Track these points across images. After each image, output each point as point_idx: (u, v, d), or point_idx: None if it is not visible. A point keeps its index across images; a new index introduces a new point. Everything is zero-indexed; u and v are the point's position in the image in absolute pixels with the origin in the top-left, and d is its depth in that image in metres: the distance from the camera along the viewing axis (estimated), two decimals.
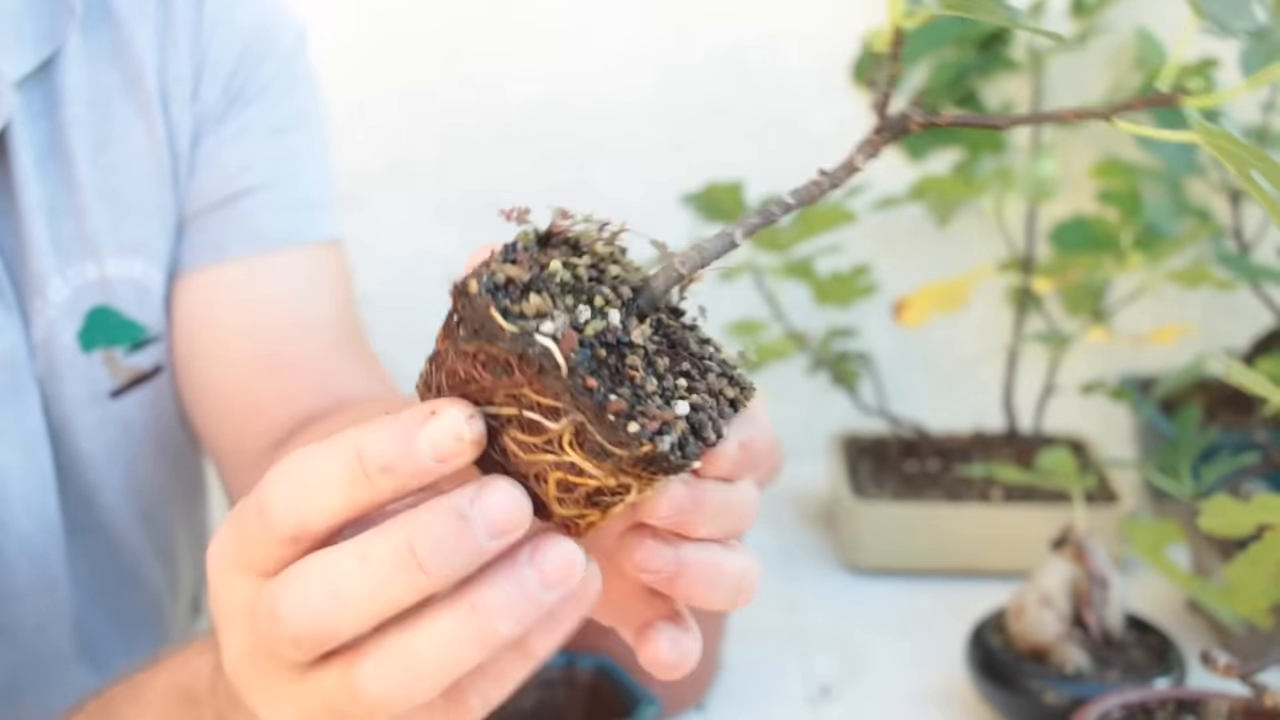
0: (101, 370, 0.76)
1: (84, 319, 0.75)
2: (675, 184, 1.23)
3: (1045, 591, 0.90)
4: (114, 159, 0.75)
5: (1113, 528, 1.09)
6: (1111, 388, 1.27)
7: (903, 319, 1.15)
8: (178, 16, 0.77)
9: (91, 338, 0.75)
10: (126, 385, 0.78)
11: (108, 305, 0.76)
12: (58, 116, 0.73)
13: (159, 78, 0.76)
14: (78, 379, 0.76)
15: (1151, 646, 0.91)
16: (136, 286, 0.77)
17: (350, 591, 0.41)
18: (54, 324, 0.74)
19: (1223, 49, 1.25)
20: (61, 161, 0.73)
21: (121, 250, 0.76)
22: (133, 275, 0.77)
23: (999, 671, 0.89)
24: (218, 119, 0.79)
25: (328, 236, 0.83)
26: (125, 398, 0.78)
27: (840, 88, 1.37)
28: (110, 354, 0.76)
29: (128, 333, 0.77)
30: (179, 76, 0.77)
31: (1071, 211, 1.29)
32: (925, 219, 1.34)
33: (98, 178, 0.74)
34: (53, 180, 0.73)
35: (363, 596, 0.41)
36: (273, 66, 0.80)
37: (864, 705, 0.95)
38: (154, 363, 0.79)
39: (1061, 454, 1.00)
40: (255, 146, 0.80)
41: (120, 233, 0.76)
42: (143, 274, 0.77)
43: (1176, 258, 1.14)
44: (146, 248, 0.77)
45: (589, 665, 0.86)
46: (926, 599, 1.11)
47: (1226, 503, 0.88)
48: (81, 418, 0.76)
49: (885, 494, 1.17)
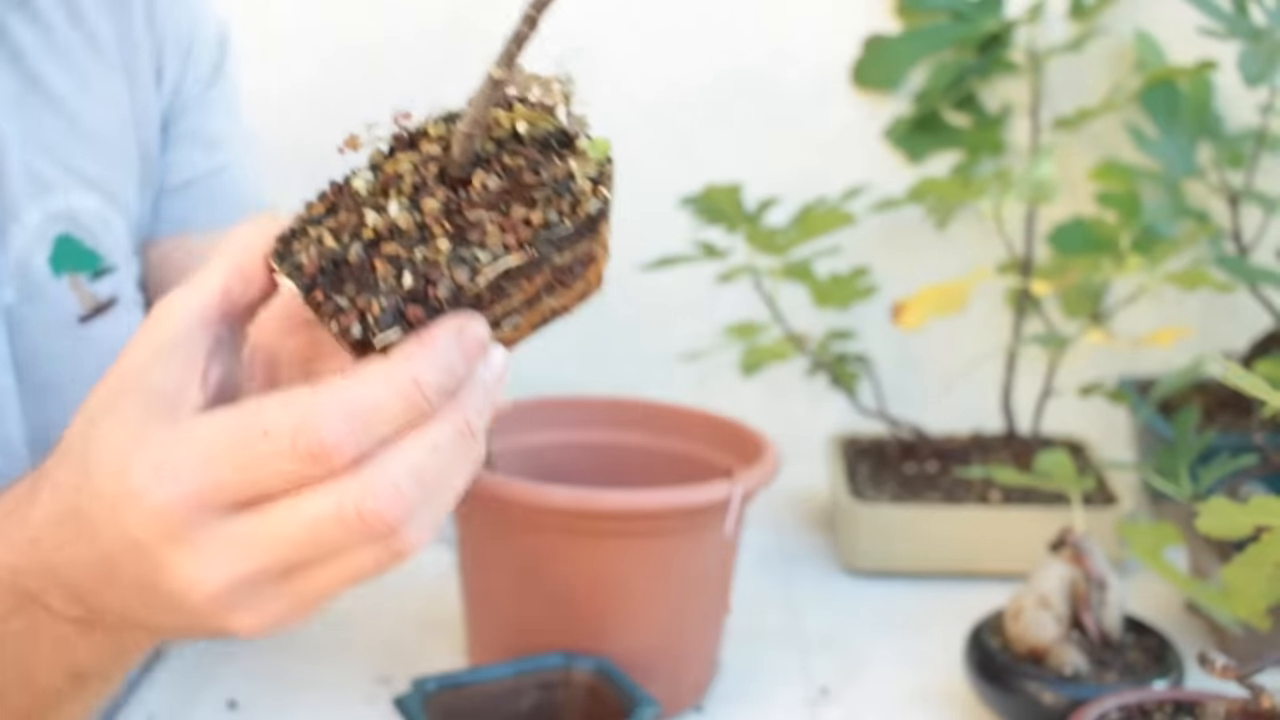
0: (70, 295, 0.81)
1: (52, 245, 0.81)
2: (675, 186, 1.23)
3: (1043, 593, 0.90)
4: (77, 106, 0.82)
5: (1111, 529, 1.09)
6: (1110, 390, 1.27)
7: (901, 321, 1.15)
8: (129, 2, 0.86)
9: (60, 262, 0.81)
10: (91, 313, 0.82)
11: (71, 234, 0.82)
12: (27, 62, 0.81)
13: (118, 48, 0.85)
14: (50, 304, 0.80)
15: (1149, 648, 0.91)
16: (96, 218, 0.83)
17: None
18: (28, 248, 0.80)
19: (1221, 50, 1.26)
20: (33, 101, 0.81)
21: (81, 184, 0.83)
22: (91, 208, 0.83)
23: (997, 673, 0.89)
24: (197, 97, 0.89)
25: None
26: (91, 325, 0.82)
27: (840, 91, 1.37)
28: (76, 279, 0.82)
29: (89, 260, 0.83)
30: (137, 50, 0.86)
31: (1070, 214, 1.29)
32: (924, 221, 1.34)
33: (63, 120, 0.82)
34: (26, 117, 0.80)
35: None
36: (221, 52, 0.92)
37: (862, 707, 0.96)
38: (111, 293, 0.84)
39: (1060, 456, 1.00)
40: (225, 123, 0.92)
41: (81, 169, 0.83)
42: (99, 208, 0.84)
43: (1175, 260, 1.14)
44: (104, 186, 0.84)
45: (587, 667, 0.86)
46: (925, 601, 1.11)
47: (1224, 505, 0.88)
48: (53, 343, 0.80)
49: (884, 496, 1.17)
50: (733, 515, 0.90)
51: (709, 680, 0.97)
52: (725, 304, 1.36)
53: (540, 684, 0.86)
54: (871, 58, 1.36)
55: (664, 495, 0.89)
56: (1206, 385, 1.30)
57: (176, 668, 0.99)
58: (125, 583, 0.52)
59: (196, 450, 0.49)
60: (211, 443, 0.49)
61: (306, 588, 0.51)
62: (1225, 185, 1.29)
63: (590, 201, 0.51)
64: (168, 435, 0.50)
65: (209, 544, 0.50)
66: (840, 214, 1.14)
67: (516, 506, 0.88)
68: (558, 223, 0.50)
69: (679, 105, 1.38)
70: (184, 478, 0.49)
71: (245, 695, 0.96)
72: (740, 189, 1.11)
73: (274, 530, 0.49)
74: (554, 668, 0.86)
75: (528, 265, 0.50)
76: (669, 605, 0.91)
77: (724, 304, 1.36)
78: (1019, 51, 1.34)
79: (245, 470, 0.49)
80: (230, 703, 0.95)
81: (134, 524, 0.50)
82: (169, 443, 0.50)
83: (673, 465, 1.03)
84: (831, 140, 1.39)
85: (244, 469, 0.49)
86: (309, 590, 0.52)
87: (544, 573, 0.90)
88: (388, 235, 0.50)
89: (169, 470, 0.49)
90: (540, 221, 0.50)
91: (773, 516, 1.26)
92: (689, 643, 0.94)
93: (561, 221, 0.50)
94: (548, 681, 0.86)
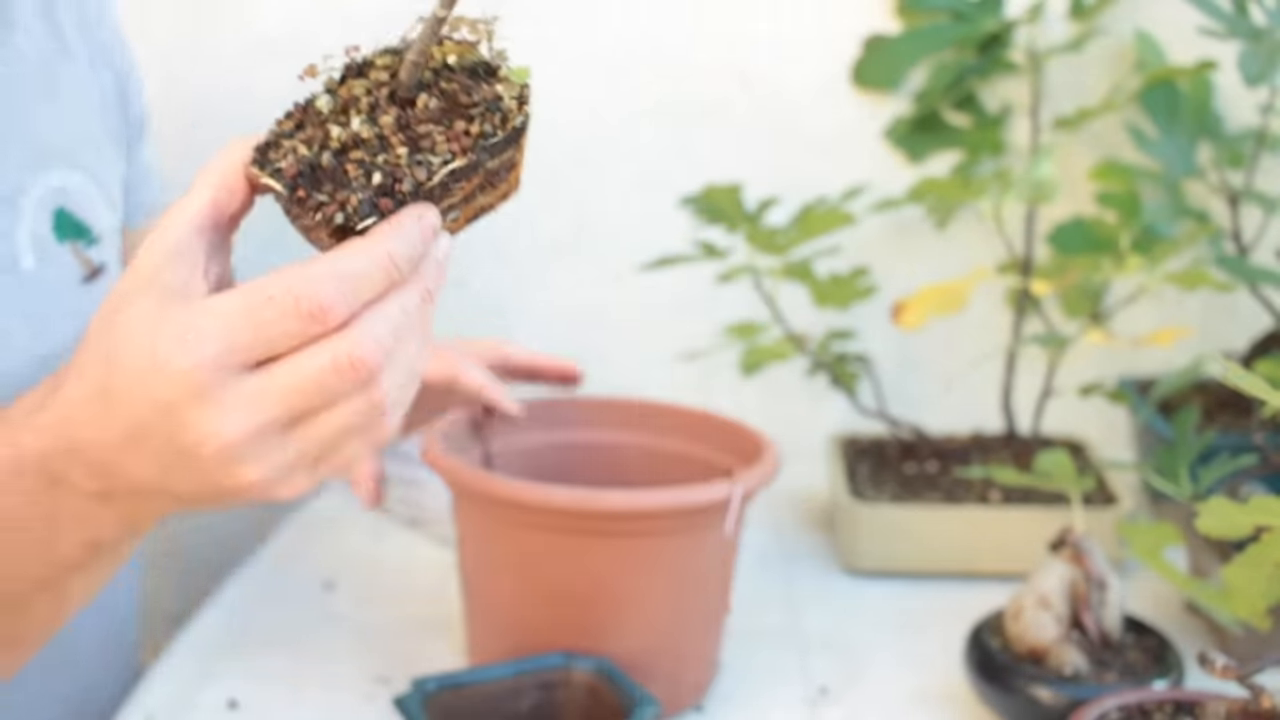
0: (72, 260, 0.91)
1: (52, 216, 0.90)
2: (675, 186, 1.24)
3: (1043, 593, 0.90)
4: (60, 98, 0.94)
5: (1111, 529, 1.09)
6: (1110, 390, 1.27)
7: (901, 321, 1.15)
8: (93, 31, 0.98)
9: (62, 231, 0.91)
10: (90, 276, 0.92)
11: (64, 207, 0.91)
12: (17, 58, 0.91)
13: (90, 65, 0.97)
14: (59, 268, 0.90)
15: (1149, 648, 0.91)
16: (81, 194, 0.93)
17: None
18: (36, 219, 0.89)
19: (1221, 50, 1.26)
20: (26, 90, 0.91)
21: (67, 164, 0.92)
22: (75, 184, 0.93)
23: (997, 673, 0.89)
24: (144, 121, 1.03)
25: None
26: (91, 287, 0.92)
27: (840, 91, 1.37)
28: (75, 246, 0.92)
29: (81, 230, 0.92)
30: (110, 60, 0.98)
31: (1071, 214, 1.29)
32: (925, 221, 1.34)
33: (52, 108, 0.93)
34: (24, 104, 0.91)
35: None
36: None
37: (862, 707, 0.96)
38: (101, 260, 0.93)
39: (1060, 456, 1.00)
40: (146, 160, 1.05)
41: (66, 151, 0.93)
42: (82, 185, 0.93)
43: (1175, 260, 1.14)
44: (85, 166, 0.94)
45: (587, 667, 0.86)
46: (925, 601, 1.11)
47: (1224, 505, 0.88)
48: (63, 304, 0.89)
49: (884, 496, 1.17)
50: (733, 515, 0.90)
51: (709, 680, 0.97)
52: (725, 304, 1.36)
53: (540, 684, 0.86)
54: (871, 58, 1.37)
55: (664, 495, 0.89)
56: (1206, 385, 1.30)
57: (176, 667, 1.00)
58: (149, 449, 0.61)
59: (215, 320, 0.59)
60: (228, 313, 0.59)
61: (306, 437, 0.61)
62: (1225, 185, 1.29)
63: (516, 116, 0.62)
64: (185, 313, 0.59)
65: (228, 399, 0.59)
66: (840, 214, 1.14)
67: (517, 506, 0.88)
68: (491, 133, 0.61)
69: (679, 105, 1.39)
70: (206, 342, 0.58)
71: (245, 695, 0.96)
72: (740, 189, 1.11)
73: (282, 383, 0.59)
74: (554, 667, 0.87)
75: (468, 167, 0.61)
76: (669, 605, 0.92)
77: (724, 304, 1.36)
78: (1019, 51, 1.34)
79: (258, 331, 0.58)
80: (230, 702, 0.95)
81: (162, 388, 0.59)
82: (188, 318, 0.59)
83: (673, 465, 1.03)
84: (832, 140, 1.39)
85: (257, 330, 0.58)
86: (309, 441, 0.61)
87: (544, 572, 0.90)
88: (352, 145, 0.60)
89: (193, 338, 0.58)
90: (478, 132, 0.61)
91: (772, 516, 1.27)
92: (689, 643, 0.94)
93: (495, 132, 0.61)
94: (548, 681, 0.86)
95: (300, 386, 0.59)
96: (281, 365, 0.59)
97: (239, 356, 0.59)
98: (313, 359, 0.59)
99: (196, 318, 0.59)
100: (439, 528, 1.20)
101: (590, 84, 1.38)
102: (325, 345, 0.59)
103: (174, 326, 0.59)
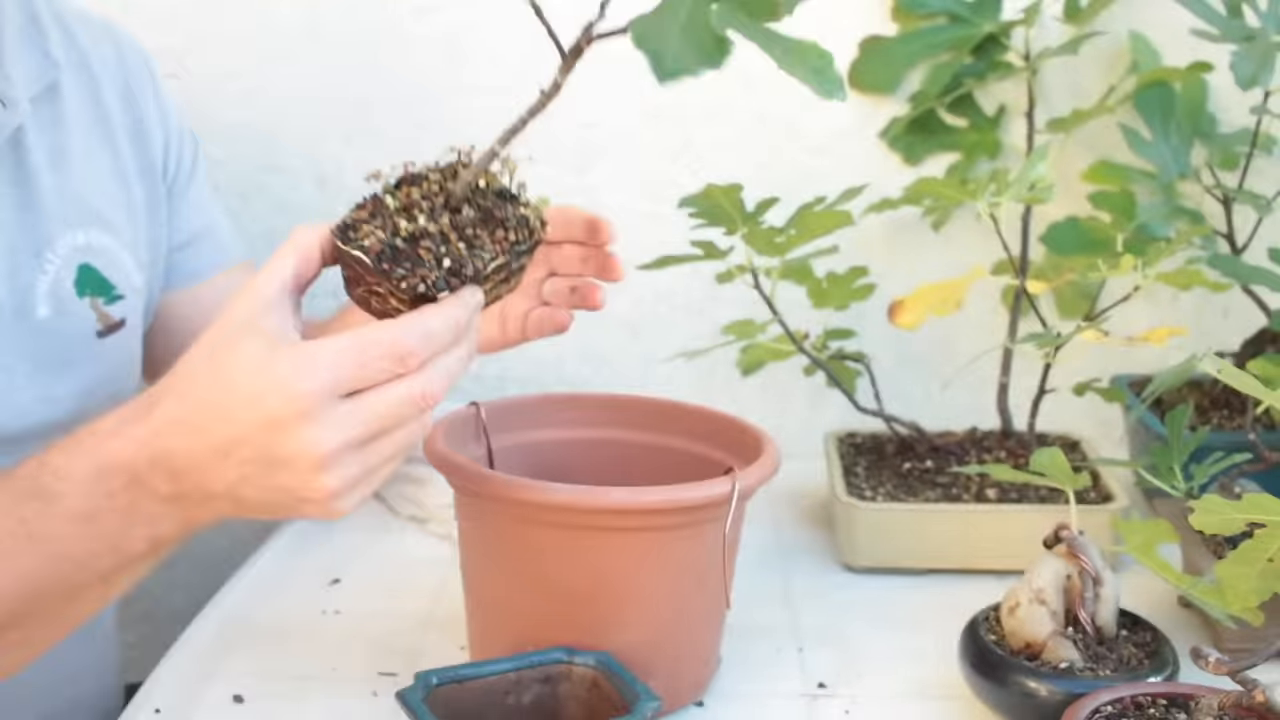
0: (90, 314, 1.02)
1: (76, 272, 1.01)
2: (675, 187, 1.24)
3: (1038, 589, 0.91)
4: (94, 165, 1.05)
5: (1106, 526, 1.10)
6: (1104, 388, 1.28)
7: (897, 320, 1.16)
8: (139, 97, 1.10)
9: (82, 287, 1.01)
10: (106, 330, 1.03)
11: (90, 264, 1.02)
12: (61, 129, 1.03)
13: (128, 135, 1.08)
14: (76, 319, 1.01)
15: (1144, 643, 0.92)
16: (107, 254, 1.04)
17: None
18: (59, 272, 1.00)
19: (1215, 52, 1.27)
20: (61, 159, 1.02)
21: (97, 226, 1.03)
22: (104, 245, 1.04)
23: (992, 668, 0.90)
24: (188, 176, 1.14)
25: None
26: (106, 340, 1.03)
27: None
28: (95, 301, 1.03)
29: (105, 287, 1.03)
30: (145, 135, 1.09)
31: (1067, 214, 1.30)
32: (923, 222, 1.35)
33: (83, 174, 1.03)
34: (57, 170, 1.02)
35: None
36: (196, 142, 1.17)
37: (860, 701, 0.96)
38: (122, 315, 1.05)
39: (1055, 453, 1.01)
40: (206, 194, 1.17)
41: (94, 214, 1.04)
42: (110, 246, 1.04)
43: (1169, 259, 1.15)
44: (113, 229, 1.05)
45: (588, 661, 0.87)
46: (921, 596, 1.12)
47: (1218, 501, 0.89)
48: (74, 353, 1.01)
49: (881, 493, 1.18)
50: (733, 512, 0.91)
51: (709, 675, 0.98)
52: (725, 304, 1.37)
53: (542, 678, 0.87)
54: (869, 60, 1.37)
55: (665, 492, 0.89)
56: (1200, 383, 1.31)
57: (182, 663, 1.00)
58: (234, 460, 0.74)
59: (330, 356, 0.73)
60: (341, 351, 0.73)
61: (372, 456, 0.75)
62: (1219, 186, 1.30)
63: (539, 232, 0.80)
64: (299, 349, 0.73)
65: (328, 418, 0.73)
66: (838, 214, 1.14)
67: (518, 503, 0.89)
68: (521, 242, 0.79)
69: (679, 105, 1.39)
70: (321, 371, 0.72)
71: (251, 690, 0.96)
72: (740, 189, 1.11)
73: (370, 408, 0.74)
74: (555, 662, 0.87)
75: (505, 264, 0.79)
76: (670, 601, 0.92)
77: (723, 304, 1.37)
78: (1015, 53, 1.35)
79: (361, 369, 0.73)
80: (236, 697, 0.96)
81: (276, 405, 0.72)
82: (305, 352, 0.73)
83: (673, 462, 1.03)
84: (830, 142, 1.40)
85: (360, 367, 0.73)
86: (374, 458, 0.75)
87: (545, 569, 0.90)
88: (421, 236, 0.77)
89: (309, 368, 0.72)
90: (513, 240, 0.79)
91: (771, 513, 1.27)
92: (689, 638, 0.95)
93: (523, 242, 0.79)
94: (549, 676, 0.87)
95: (383, 412, 0.74)
96: (370, 395, 0.74)
97: (341, 386, 0.73)
98: (396, 391, 0.74)
99: (314, 352, 0.73)
100: (441, 524, 1.21)
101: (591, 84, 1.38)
102: (407, 381, 0.74)
103: (291, 358, 0.73)
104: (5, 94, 0.98)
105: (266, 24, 1.40)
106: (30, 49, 1.02)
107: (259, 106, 1.41)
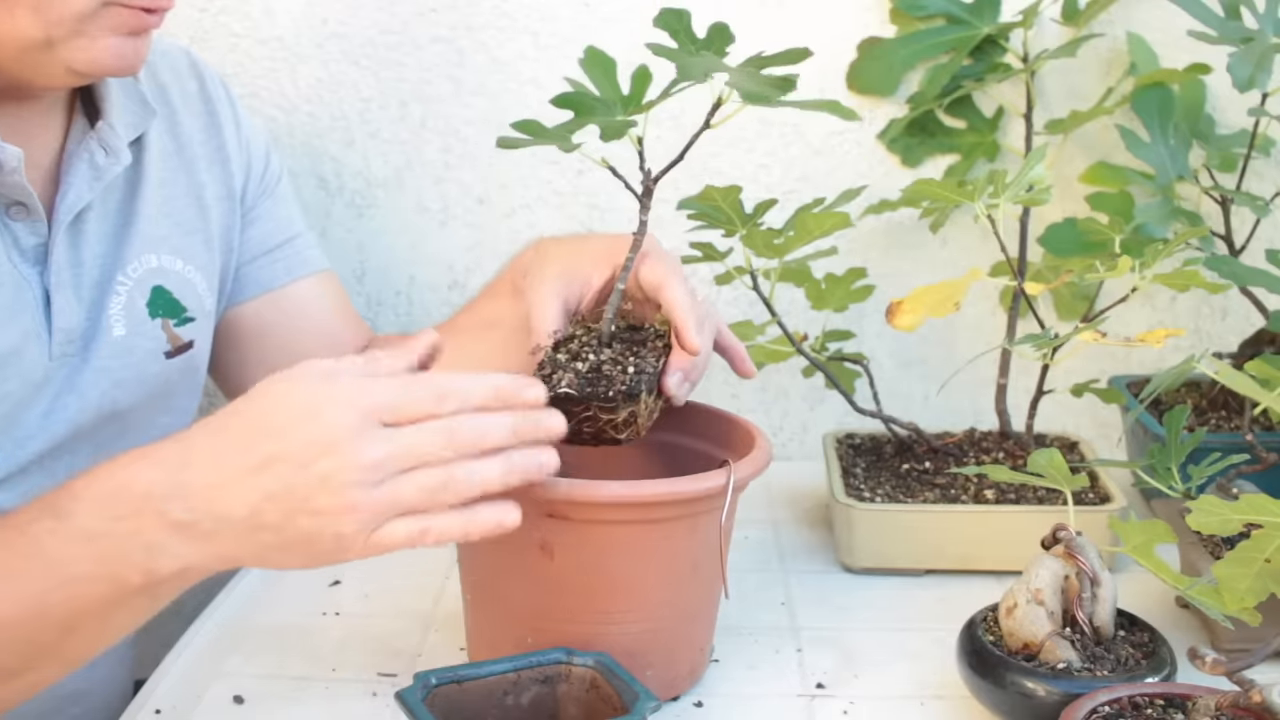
0: (160, 334, 1.07)
1: (149, 293, 1.06)
2: (674, 188, 1.25)
3: (1036, 589, 0.91)
4: (168, 192, 1.10)
5: (1104, 526, 1.10)
6: (1102, 389, 1.28)
7: (895, 321, 1.16)
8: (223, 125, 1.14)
9: (155, 308, 1.06)
10: (175, 351, 1.08)
11: (162, 286, 1.07)
12: (145, 164, 1.08)
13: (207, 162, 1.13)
14: (147, 338, 1.06)
15: (1141, 644, 0.92)
16: (180, 278, 1.09)
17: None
18: (132, 294, 1.05)
19: (1213, 54, 1.27)
20: (144, 190, 1.07)
21: (171, 251, 1.08)
22: (177, 269, 1.08)
23: (990, 668, 0.90)
24: (268, 194, 1.18)
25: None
26: (173, 360, 1.08)
27: (837, 94, 1.38)
28: (166, 323, 1.07)
29: (176, 309, 1.08)
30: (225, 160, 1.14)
31: (1065, 216, 1.30)
32: (922, 223, 1.35)
33: (157, 200, 1.08)
34: (136, 197, 1.07)
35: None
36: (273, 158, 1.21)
37: (858, 702, 0.97)
38: (190, 337, 1.09)
39: (1053, 454, 1.01)
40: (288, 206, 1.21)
41: (169, 240, 1.08)
42: (183, 269, 1.09)
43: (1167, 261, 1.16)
44: (187, 253, 1.10)
45: (587, 662, 0.87)
46: (920, 597, 1.12)
47: (1215, 502, 0.90)
48: (144, 370, 1.05)
49: (880, 494, 1.18)
50: (728, 504, 0.91)
51: (703, 666, 0.98)
52: (724, 305, 1.38)
53: (541, 678, 0.87)
54: (867, 62, 1.38)
55: (663, 485, 0.90)
56: (1198, 384, 1.31)
57: (183, 663, 1.01)
58: (273, 475, 0.77)
59: (380, 384, 0.79)
60: (390, 382, 0.79)
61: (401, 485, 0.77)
62: (1217, 187, 1.30)
63: (667, 337, 0.98)
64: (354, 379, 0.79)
65: (372, 436, 0.77)
66: (836, 216, 1.14)
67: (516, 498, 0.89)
68: (653, 367, 0.95)
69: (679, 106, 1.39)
70: (373, 396, 0.78)
71: (251, 690, 0.97)
72: (739, 190, 1.12)
73: (407, 437, 0.78)
74: (554, 663, 0.87)
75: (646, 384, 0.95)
76: (666, 592, 0.93)
77: (723, 305, 1.37)
78: (1013, 55, 1.35)
79: (405, 399, 0.79)
80: (236, 697, 0.96)
81: (332, 421, 0.77)
82: (355, 382, 0.79)
83: (668, 457, 1.04)
84: (829, 143, 1.40)
85: (404, 397, 0.79)
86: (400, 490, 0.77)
87: (543, 563, 0.91)
88: (597, 367, 0.94)
89: (364, 394, 0.78)
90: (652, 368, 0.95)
91: (770, 514, 1.28)
92: (684, 629, 0.95)
93: (653, 366, 0.95)
94: (548, 676, 0.87)
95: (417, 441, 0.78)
96: (409, 427, 0.78)
97: (387, 414, 0.78)
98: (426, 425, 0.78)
99: (365, 382, 0.79)
100: None
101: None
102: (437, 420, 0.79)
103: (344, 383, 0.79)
104: (110, 144, 1.02)
105: (267, 25, 1.40)
106: (130, 98, 1.06)
107: (259, 108, 1.41)
